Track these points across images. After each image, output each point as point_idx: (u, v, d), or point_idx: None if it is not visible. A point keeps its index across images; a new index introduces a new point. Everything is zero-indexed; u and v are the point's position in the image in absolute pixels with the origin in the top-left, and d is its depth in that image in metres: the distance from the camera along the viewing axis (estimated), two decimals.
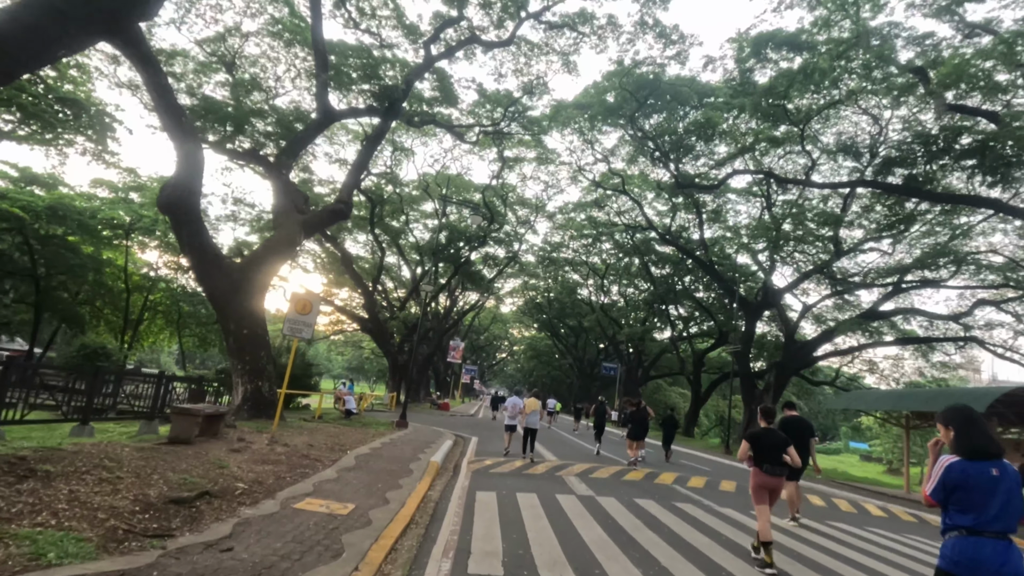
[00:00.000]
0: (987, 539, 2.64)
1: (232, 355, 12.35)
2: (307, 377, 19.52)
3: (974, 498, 2.70)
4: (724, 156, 23.54)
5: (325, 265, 36.74)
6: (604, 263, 46.26)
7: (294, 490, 6.41)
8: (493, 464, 10.64)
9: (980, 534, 2.66)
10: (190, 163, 12.53)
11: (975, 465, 2.73)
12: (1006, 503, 2.67)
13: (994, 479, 2.70)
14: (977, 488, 2.70)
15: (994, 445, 2.80)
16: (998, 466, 2.73)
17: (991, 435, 2.86)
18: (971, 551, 2.66)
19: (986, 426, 2.90)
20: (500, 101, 26.05)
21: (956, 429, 2.88)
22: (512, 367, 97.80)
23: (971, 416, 2.89)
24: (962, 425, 2.87)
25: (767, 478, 5.86)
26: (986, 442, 2.80)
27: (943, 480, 2.79)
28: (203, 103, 17.43)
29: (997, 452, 2.78)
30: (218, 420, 9.10)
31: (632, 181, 33.92)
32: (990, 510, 2.67)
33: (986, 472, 2.71)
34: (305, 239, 13.57)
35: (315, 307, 10.05)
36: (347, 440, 11.30)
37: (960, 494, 2.74)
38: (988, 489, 2.69)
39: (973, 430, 2.83)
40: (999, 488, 2.68)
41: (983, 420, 2.92)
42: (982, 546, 2.64)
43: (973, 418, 2.88)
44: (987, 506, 2.67)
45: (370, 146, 15.90)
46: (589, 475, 10.28)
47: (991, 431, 2.92)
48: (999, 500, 2.67)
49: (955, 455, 2.82)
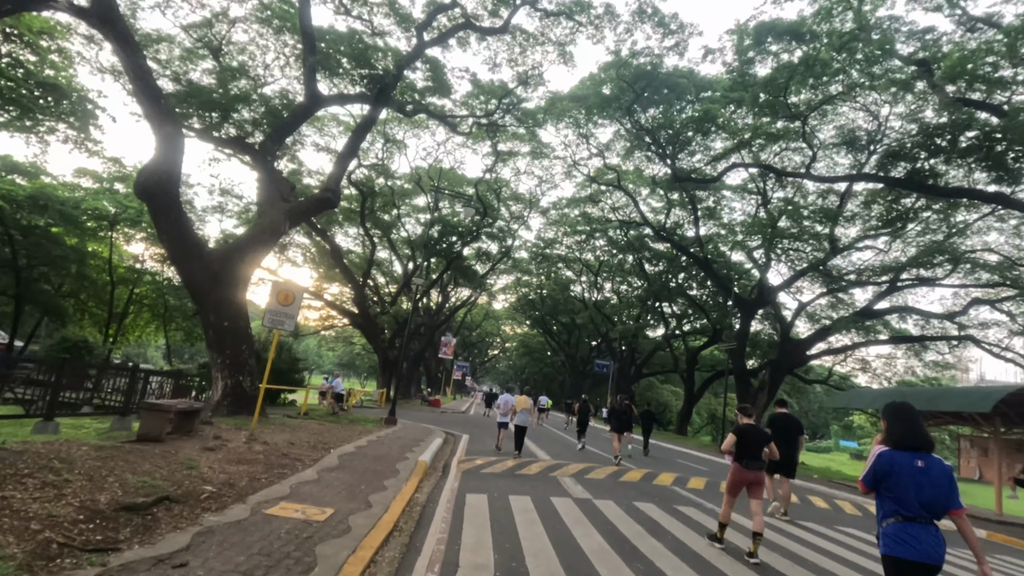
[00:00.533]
0: (917, 525, 2.90)
1: (212, 348, 11.80)
2: (294, 372, 18.99)
3: (901, 485, 2.94)
4: (722, 151, 23.13)
5: (315, 259, 36.10)
6: (597, 260, 45.90)
7: (268, 493, 5.91)
8: (484, 464, 10.17)
9: (909, 520, 2.92)
10: (169, 147, 11.94)
11: (902, 455, 2.98)
12: (929, 492, 2.89)
13: (919, 469, 2.93)
14: (903, 476, 2.94)
15: (921, 439, 3.03)
16: (924, 458, 2.96)
17: (920, 430, 3.07)
18: (902, 535, 2.91)
19: (917, 421, 3.10)
20: (494, 92, 25.51)
21: (888, 422, 3.14)
22: (504, 364, 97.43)
23: (903, 411, 3.13)
24: (893, 419, 3.13)
25: (746, 472, 6.00)
26: (913, 435, 3.03)
27: (874, 468, 3.04)
28: (188, 88, 16.76)
29: (924, 445, 3.01)
30: (193, 416, 8.57)
31: (627, 177, 33.53)
32: (914, 498, 2.90)
33: (912, 462, 2.95)
34: (290, 228, 13.01)
35: (298, 298, 9.52)
36: (332, 438, 10.79)
37: (889, 481, 2.98)
38: (912, 478, 2.93)
39: (903, 424, 3.08)
40: (923, 478, 2.91)
41: (915, 415, 3.13)
42: (914, 531, 2.90)
43: (904, 413, 3.12)
44: (912, 494, 2.91)
45: (359, 133, 15.34)
46: (584, 476, 9.84)
47: (921, 426, 3.09)
48: (922, 489, 2.90)
49: (886, 446, 3.08)
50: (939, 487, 2.90)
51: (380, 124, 31.73)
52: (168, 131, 11.91)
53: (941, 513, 2.93)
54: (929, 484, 2.90)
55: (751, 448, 6.00)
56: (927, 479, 2.91)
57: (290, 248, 33.69)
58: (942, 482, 2.91)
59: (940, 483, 2.91)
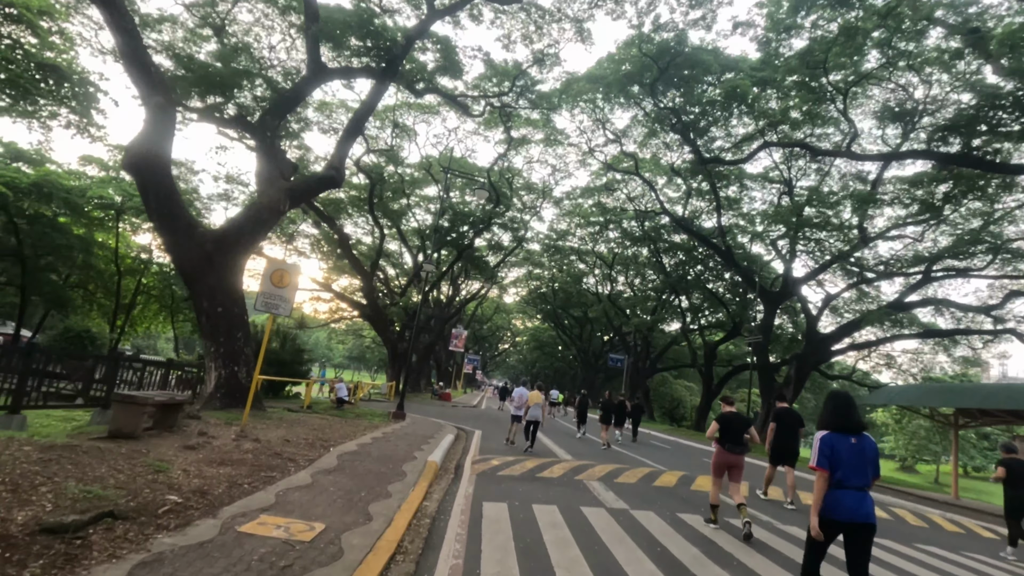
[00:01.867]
0: (849, 491, 3.47)
1: (205, 336, 10.89)
2: (298, 363, 18.09)
3: (839, 461, 3.51)
4: (749, 131, 21.81)
5: (323, 249, 35.25)
6: (611, 252, 44.71)
7: (248, 503, 4.94)
8: (501, 465, 9.16)
9: (844, 487, 3.48)
10: (158, 119, 11.01)
11: (839, 437, 3.58)
12: (861, 465, 3.52)
13: (853, 446, 3.54)
14: (841, 454, 3.52)
15: (853, 422, 3.61)
16: (857, 437, 3.58)
17: (853, 414, 3.63)
18: (838, 499, 3.47)
19: (851, 407, 3.67)
20: (508, 73, 24.38)
21: (828, 409, 3.72)
22: (515, 358, 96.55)
23: (844, 400, 3.72)
24: (832, 406, 3.72)
25: (728, 455, 6.55)
26: (847, 419, 3.62)
27: (823, 451, 3.57)
28: (188, 63, 15.82)
29: (857, 427, 3.61)
30: (175, 410, 7.64)
31: (644, 165, 32.29)
32: (850, 470, 3.49)
33: (847, 442, 3.55)
34: (291, 207, 12.06)
35: (294, 279, 8.56)
36: (333, 434, 9.83)
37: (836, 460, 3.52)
38: (849, 455, 3.51)
39: (839, 410, 3.66)
40: (857, 454, 3.52)
41: (853, 404, 3.70)
42: (845, 496, 3.47)
43: (845, 402, 3.71)
44: (848, 467, 3.49)
45: (366, 109, 14.33)
46: (614, 480, 8.80)
47: (857, 412, 3.65)
48: (856, 463, 3.50)
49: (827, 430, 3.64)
50: (867, 462, 3.54)
51: (389, 110, 30.74)
52: (158, 102, 10.97)
53: (870, 482, 3.54)
54: (861, 460, 3.52)
55: (732, 434, 6.52)
56: (860, 456, 3.53)
57: (298, 238, 32.89)
58: (872, 457, 3.57)
59: (871, 457, 3.56)
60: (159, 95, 11.02)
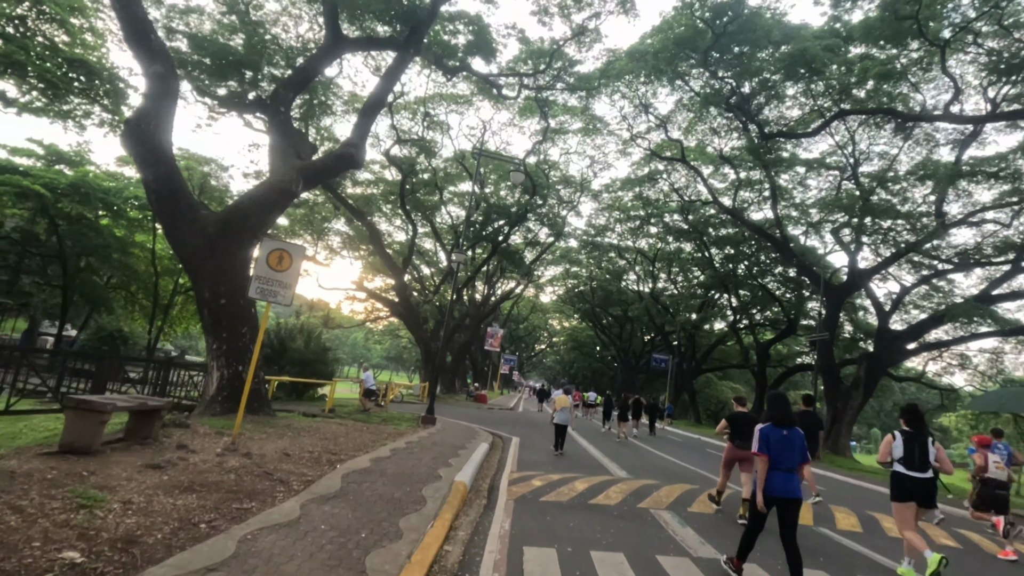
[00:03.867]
0: (779, 473, 4.39)
1: (207, 331, 9.68)
2: (322, 363, 16.92)
3: (773, 448, 4.43)
4: (818, 105, 19.44)
5: (357, 246, 34.37)
6: (652, 248, 42.47)
7: (189, 559, 3.47)
8: (544, 486, 7.53)
9: (776, 469, 4.40)
10: (158, 89, 9.88)
11: (774, 429, 4.51)
12: (790, 452, 4.45)
13: (784, 437, 4.47)
14: (775, 443, 4.45)
15: (786, 418, 4.57)
16: (788, 430, 4.50)
17: (788, 412, 4.61)
18: (770, 480, 4.38)
19: (785, 406, 4.66)
20: (543, 53, 22.75)
21: (767, 407, 4.76)
22: (551, 359, 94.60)
23: (780, 400, 4.74)
24: (770, 405, 4.75)
25: (737, 451, 7.24)
26: (780, 415, 4.58)
27: (758, 439, 4.51)
28: (204, 42, 14.81)
29: (789, 422, 4.55)
30: (152, 418, 6.33)
31: (689, 153, 30.10)
32: (781, 455, 4.42)
33: (780, 433, 4.48)
34: (305, 188, 10.78)
35: (296, 260, 7.17)
36: (347, 445, 8.42)
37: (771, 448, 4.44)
38: (781, 444, 4.45)
39: (774, 409, 4.66)
40: (787, 444, 4.45)
41: (784, 402, 4.72)
42: (776, 478, 4.38)
43: (781, 402, 4.72)
44: (779, 453, 4.42)
45: (387, 80, 12.93)
46: (686, 508, 7.04)
47: (788, 410, 4.63)
48: (786, 450, 4.44)
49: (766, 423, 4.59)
50: (797, 450, 4.50)
51: (420, 102, 29.56)
52: (157, 71, 9.84)
53: (796, 466, 4.49)
54: (790, 448, 4.47)
55: (741, 431, 7.11)
56: (789, 444, 4.47)
57: (329, 235, 32.10)
58: (799, 446, 4.51)
59: (798, 447, 4.50)
60: (158, 64, 9.89)
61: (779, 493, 4.34)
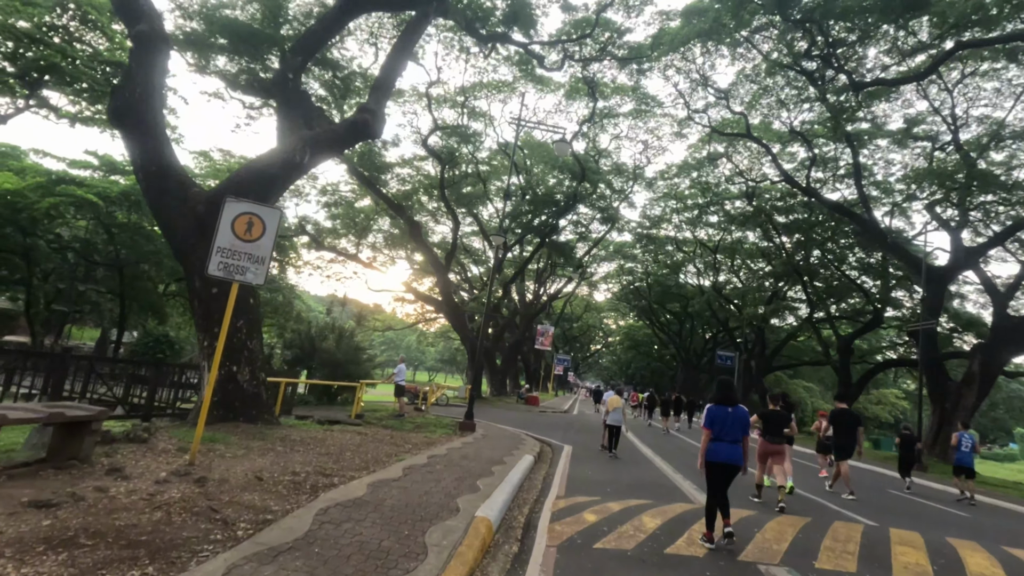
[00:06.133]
0: (724, 443, 5.19)
1: (198, 326, 8.38)
2: (354, 364, 15.57)
3: (717, 423, 5.23)
4: (924, 41, 16.34)
5: (402, 245, 33.31)
6: (711, 239, 39.36)
7: None
8: (600, 521, 5.57)
9: (720, 441, 5.21)
10: (144, 52, 8.67)
11: (719, 407, 5.30)
12: (732, 426, 5.21)
13: (729, 414, 5.25)
14: (719, 419, 5.25)
15: (729, 398, 5.36)
16: (733, 408, 5.29)
17: (730, 394, 5.41)
18: (716, 449, 5.20)
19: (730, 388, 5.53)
20: (588, 22, 20.72)
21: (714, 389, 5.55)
22: (607, 359, 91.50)
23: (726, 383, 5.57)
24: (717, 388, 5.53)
25: (770, 445, 8.13)
26: (725, 396, 5.38)
27: (706, 415, 5.36)
28: (214, 16, 13.74)
29: (732, 401, 5.35)
30: (81, 432, 4.87)
31: (753, 131, 27.17)
32: (725, 429, 5.20)
33: (724, 411, 5.27)
34: (313, 160, 9.33)
35: (269, 227, 5.62)
36: (352, 461, 6.78)
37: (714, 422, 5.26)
38: (725, 419, 5.23)
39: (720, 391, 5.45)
40: (730, 419, 5.23)
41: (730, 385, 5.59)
42: (721, 447, 5.19)
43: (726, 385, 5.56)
44: (723, 428, 5.21)
45: (407, 37, 11.26)
46: (810, 561, 4.90)
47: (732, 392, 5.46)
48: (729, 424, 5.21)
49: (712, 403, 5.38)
50: (738, 425, 5.23)
51: (461, 92, 28.13)
52: (141, 31, 8.62)
53: (739, 439, 5.21)
54: (732, 423, 5.22)
55: (773, 427, 8.21)
56: (731, 420, 5.22)
57: (370, 233, 31.15)
58: (740, 422, 5.24)
59: (739, 422, 5.24)
60: (143, 23, 8.67)
61: (723, 459, 5.15)
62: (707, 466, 5.18)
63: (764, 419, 8.21)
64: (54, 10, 21.21)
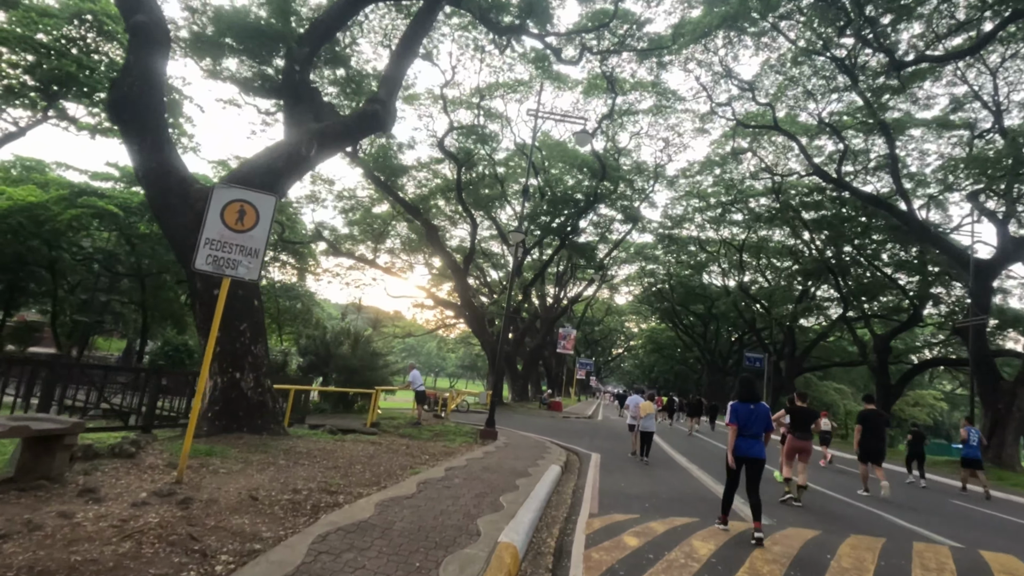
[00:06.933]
0: (746, 438, 5.53)
1: (199, 330, 7.87)
2: (371, 370, 15.03)
3: (741, 420, 5.55)
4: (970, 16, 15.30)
5: (421, 250, 32.88)
6: (735, 237, 38.17)
7: None
8: (644, 547, 4.83)
9: (743, 436, 5.54)
10: (142, 43, 8.25)
11: (743, 404, 5.61)
12: (755, 422, 5.53)
13: (751, 411, 5.56)
14: (743, 415, 5.56)
15: (752, 395, 5.66)
16: (755, 405, 5.60)
17: (754, 391, 5.72)
18: (741, 443, 5.53)
19: (752, 385, 5.79)
20: (606, 15, 20.06)
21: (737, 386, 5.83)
22: (629, 363, 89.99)
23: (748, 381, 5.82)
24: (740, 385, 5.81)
25: (798, 442, 8.23)
26: (748, 393, 5.67)
27: (730, 412, 5.64)
28: (236, 22, 13.39)
29: (755, 398, 5.65)
30: (53, 446, 4.32)
31: (780, 123, 26.14)
32: (748, 425, 5.51)
33: (747, 408, 5.58)
34: (320, 154, 8.81)
35: (263, 216, 5.06)
36: (362, 476, 6.15)
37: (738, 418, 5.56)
38: (747, 416, 5.55)
39: (743, 388, 5.74)
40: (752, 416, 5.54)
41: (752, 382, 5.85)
42: (743, 442, 5.52)
43: (749, 383, 5.80)
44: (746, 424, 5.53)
45: (419, 23, 10.75)
46: None
47: (754, 389, 5.75)
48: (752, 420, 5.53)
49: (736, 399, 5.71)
50: (761, 420, 5.54)
51: (476, 93, 27.65)
52: (138, 21, 8.21)
53: (760, 433, 5.54)
54: (755, 419, 5.53)
55: (800, 424, 8.32)
56: (754, 416, 5.54)
57: (388, 238, 30.77)
58: (762, 418, 5.56)
59: (761, 418, 5.55)
60: (141, 13, 8.25)
61: (744, 453, 5.51)
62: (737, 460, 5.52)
63: (793, 415, 8.35)
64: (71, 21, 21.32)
